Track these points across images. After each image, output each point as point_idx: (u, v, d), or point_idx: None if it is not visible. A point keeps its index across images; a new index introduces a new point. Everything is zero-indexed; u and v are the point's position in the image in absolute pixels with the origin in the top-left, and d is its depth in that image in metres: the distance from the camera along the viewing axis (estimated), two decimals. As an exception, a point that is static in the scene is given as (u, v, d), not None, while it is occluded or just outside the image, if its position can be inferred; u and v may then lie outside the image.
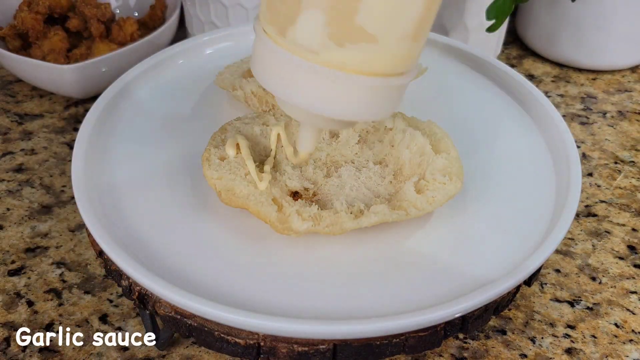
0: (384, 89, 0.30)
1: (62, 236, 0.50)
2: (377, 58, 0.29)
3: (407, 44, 0.29)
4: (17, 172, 0.56)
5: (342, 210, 0.36)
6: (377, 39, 0.28)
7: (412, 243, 0.37)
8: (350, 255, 0.36)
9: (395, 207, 0.36)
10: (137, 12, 0.71)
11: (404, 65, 0.30)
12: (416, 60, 0.31)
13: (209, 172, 0.37)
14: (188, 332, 0.34)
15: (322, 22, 0.27)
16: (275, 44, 0.29)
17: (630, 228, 0.51)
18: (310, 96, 0.29)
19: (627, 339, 0.43)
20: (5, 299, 0.45)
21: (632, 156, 0.58)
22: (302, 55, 0.28)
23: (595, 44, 0.67)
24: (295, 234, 0.35)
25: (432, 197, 0.36)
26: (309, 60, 0.28)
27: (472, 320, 0.34)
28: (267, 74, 0.30)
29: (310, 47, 0.28)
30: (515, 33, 0.75)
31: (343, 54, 0.28)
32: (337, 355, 0.33)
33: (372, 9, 0.27)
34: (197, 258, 0.36)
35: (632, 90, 0.67)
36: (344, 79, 0.28)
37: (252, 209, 0.36)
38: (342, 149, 0.40)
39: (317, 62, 0.28)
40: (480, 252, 0.36)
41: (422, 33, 0.29)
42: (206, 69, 0.50)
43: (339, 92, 0.29)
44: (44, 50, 0.62)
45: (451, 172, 0.37)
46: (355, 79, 0.29)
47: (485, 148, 0.43)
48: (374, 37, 0.28)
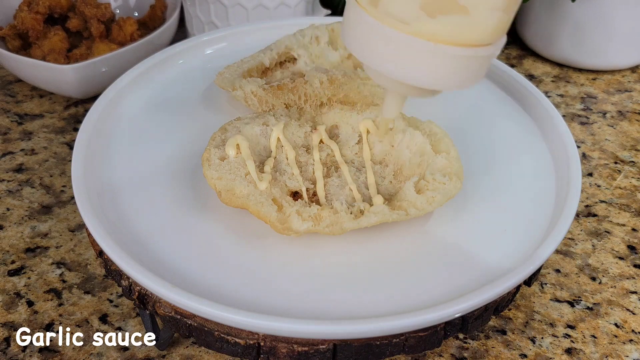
0: (472, 59, 0.30)
1: (62, 236, 0.50)
2: (467, 29, 0.29)
3: (497, 15, 0.29)
4: (17, 172, 0.56)
5: (342, 210, 0.36)
6: (469, 11, 0.28)
7: (412, 243, 0.37)
8: (350, 255, 0.36)
9: (395, 207, 0.36)
10: (137, 12, 0.71)
11: (493, 36, 0.30)
12: (505, 31, 0.31)
13: (209, 172, 0.37)
14: (188, 332, 0.34)
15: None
16: (367, 14, 0.30)
17: (630, 228, 0.51)
18: (399, 65, 0.30)
19: (627, 339, 0.43)
20: (5, 299, 0.45)
21: (632, 156, 0.58)
22: (393, 26, 0.29)
23: (595, 44, 0.67)
24: (295, 234, 0.35)
25: (432, 197, 0.36)
26: (399, 31, 0.29)
27: (472, 320, 0.34)
28: (357, 43, 0.31)
29: (401, 17, 0.29)
30: (515, 33, 0.75)
31: (434, 25, 0.28)
32: (337, 355, 0.33)
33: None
34: (197, 258, 0.36)
35: (632, 90, 0.67)
36: (433, 49, 0.29)
37: (252, 209, 0.36)
38: (342, 149, 0.40)
39: (408, 33, 0.29)
40: (480, 252, 0.36)
41: (513, 5, 0.29)
42: (206, 69, 0.50)
43: (427, 62, 0.30)
44: (44, 50, 0.62)
45: (451, 172, 0.37)
46: (445, 50, 0.29)
47: (484, 148, 0.43)
48: (465, 9, 0.28)
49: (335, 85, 0.43)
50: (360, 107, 0.42)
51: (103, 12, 0.63)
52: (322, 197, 0.37)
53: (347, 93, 0.43)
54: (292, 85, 0.43)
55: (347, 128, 0.42)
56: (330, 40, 0.48)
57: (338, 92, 0.43)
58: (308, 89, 0.43)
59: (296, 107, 0.43)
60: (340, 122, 0.42)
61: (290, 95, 0.43)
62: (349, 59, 0.47)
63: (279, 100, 0.43)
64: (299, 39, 0.47)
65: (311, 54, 0.47)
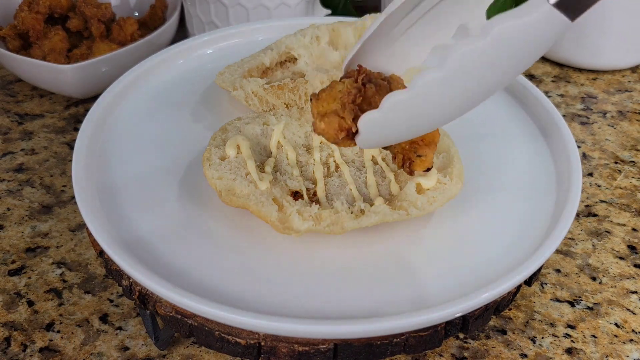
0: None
1: (62, 236, 0.50)
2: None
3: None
4: (17, 172, 0.56)
5: (342, 210, 0.36)
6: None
7: (412, 243, 0.37)
8: (350, 255, 0.36)
9: (396, 207, 0.36)
10: (137, 12, 0.71)
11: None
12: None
13: (210, 172, 0.37)
14: (188, 332, 0.34)
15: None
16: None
17: (631, 228, 0.51)
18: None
19: (627, 338, 0.43)
20: (5, 298, 0.45)
21: (633, 156, 0.58)
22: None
23: (595, 43, 0.67)
24: (296, 234, 0.35)
25: (433, 197, 0.36)
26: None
27: (472, 320, 0.34)
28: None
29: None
30: (515, 33, 0.75)
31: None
32: (337, 355, 0.33)
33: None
34: (198, 257, 0.36)
35: (632, 90, 0.67)
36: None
37: (253, 208, 0.36)
38: (343, 149, 0.40)
39: None
40: (480, 252, 0.36)
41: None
42: (206, 69, 0.50)
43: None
44: (44, 50, 0.62)
45: (452, 172, 0.37)
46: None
47: (484, 148, 0.43)
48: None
49: None
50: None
51: (103, 12, 0.63)
52: (323, 197, 0.37)
53: None
54: (293, 85, 0.43)
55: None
56: (331, 40, 0.48)
57: None
58: (309, 89, 0.43)
59: (297, 107, 0.43)
60: None
61: (291, 95, 0.43)
62: (350, 59, 0.47)
63: (280, 100, 0.43)
64: (300, 38, 0.47)
65: (312, 54, 0.47)
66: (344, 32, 0.47)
